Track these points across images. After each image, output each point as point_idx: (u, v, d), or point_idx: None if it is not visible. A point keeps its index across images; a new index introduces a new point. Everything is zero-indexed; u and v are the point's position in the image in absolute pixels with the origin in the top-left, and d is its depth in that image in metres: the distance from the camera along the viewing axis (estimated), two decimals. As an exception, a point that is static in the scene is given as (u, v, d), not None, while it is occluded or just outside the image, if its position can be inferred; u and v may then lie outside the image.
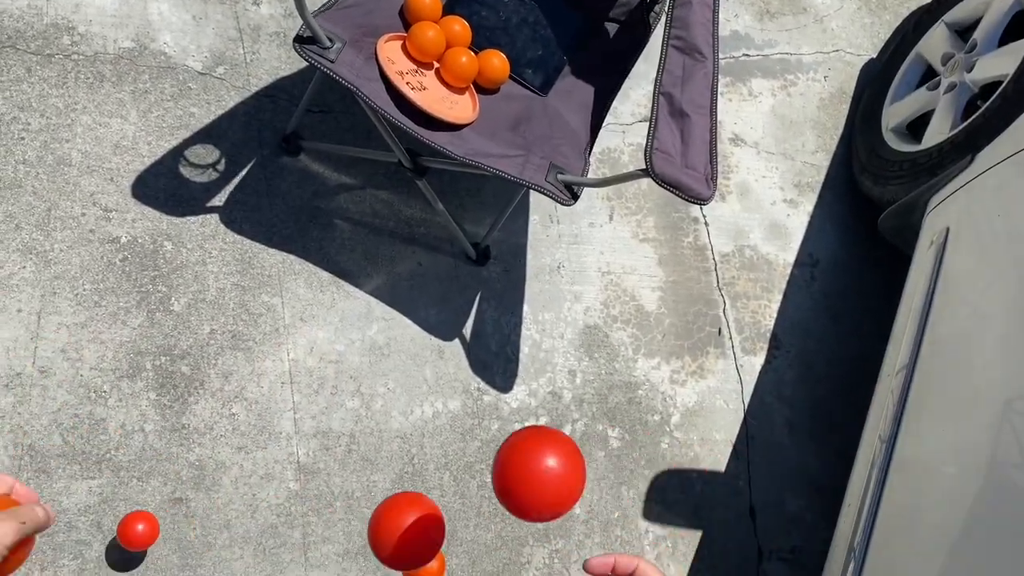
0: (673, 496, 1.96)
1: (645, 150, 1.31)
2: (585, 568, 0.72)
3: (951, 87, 2.11)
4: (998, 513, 1.24)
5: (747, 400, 2.10)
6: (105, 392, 1.59)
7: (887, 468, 1.55)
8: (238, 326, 1.72)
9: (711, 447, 2.03)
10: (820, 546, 2.02)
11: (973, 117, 1.95)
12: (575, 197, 1.52)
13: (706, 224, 2.24)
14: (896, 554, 1.44)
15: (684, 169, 1.31)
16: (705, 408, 2.06)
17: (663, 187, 1.29)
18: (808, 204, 2.37)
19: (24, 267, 1.60)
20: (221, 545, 1.59)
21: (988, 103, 1.92)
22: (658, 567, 0.71)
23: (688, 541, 1.94)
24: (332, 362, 1.76)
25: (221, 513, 1.61)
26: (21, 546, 0.68)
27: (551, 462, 0.69)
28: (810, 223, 2.35)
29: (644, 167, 1.31)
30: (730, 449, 2.05)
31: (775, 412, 2.12)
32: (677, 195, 1.29)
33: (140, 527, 1.48)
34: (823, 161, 2.44)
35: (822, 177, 2.42)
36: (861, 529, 1.55)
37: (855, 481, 1.71)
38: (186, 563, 1.56)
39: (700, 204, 1.32)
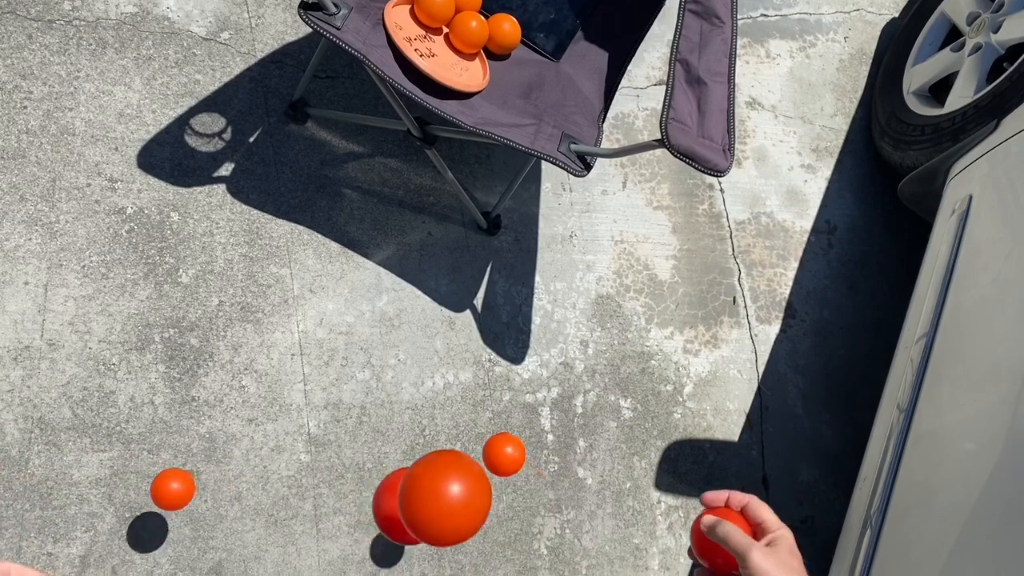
0: (685, 466, 1.95)
1: (661, 120, 1.27)
2: (702, 501, 0.84)
3: (976, 48, 2.04)
4: (1018, 487, 1.22)
5: (761, 370, 2.08)
6: (114, 365, 1.59)
7: (905, 440, 1.53)
8: (247, 297, 1.70)
9: (724, 417, 2.02)
10: (833, 517, 2.01)
11: (999, 80, 1.89)
12: (588, 168, 1.48)
13: (721, 191, 2.19)
14: (913, 526, 1.43)
15: (700, 139, 1.27)
16: (719, 378, 2.04)
17: (679, 158, 1.26)
18: (826, 169, 2.32)
19: (30, 239, 1.59)
20: (233, 517, 1.59)
21: (1015, 65, 1.86)
22: (767, 506, 0.78)
23: (700, 511, 1.93)
24: (342, 333, 1.75)
25: (232, 485, 1.61)
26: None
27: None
28: (828, 189, 2.30)
29: (659, 137, 1.27)
30: (743, 419, 2.03)
31: (789, 382, 2.09)
32: (693, 166, 1.26)
33: (175, 485, 1.42)
34: (842, 125, 2.38)
35: (841, 142, 2.36)
36: (878, 500, 1.54)
37: (871, 452, 1.69)
38: (198, 535, 1.57)
39: (717, 176, 1.28)
